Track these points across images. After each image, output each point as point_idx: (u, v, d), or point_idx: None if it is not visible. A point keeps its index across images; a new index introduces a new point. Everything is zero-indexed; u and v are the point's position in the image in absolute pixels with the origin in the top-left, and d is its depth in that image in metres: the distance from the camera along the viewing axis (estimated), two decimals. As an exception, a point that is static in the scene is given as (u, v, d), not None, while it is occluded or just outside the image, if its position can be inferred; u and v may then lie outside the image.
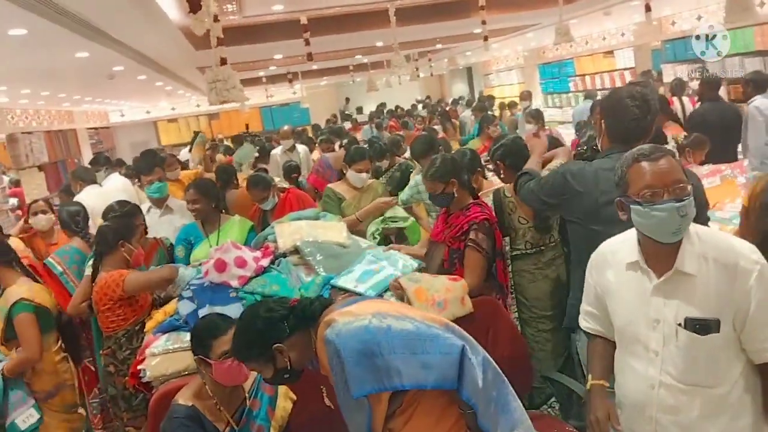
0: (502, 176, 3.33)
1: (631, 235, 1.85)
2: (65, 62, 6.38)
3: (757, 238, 2.66)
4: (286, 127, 8.50)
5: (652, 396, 1.77)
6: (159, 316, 2.90)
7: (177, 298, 2.87)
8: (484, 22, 7.30)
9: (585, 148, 3.59)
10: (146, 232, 3.85)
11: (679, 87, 7.35)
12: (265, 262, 2.93)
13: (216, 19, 4.26)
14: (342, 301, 1.95)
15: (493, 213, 3.01)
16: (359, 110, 20.77)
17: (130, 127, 17.43)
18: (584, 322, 2.06)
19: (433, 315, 1.95)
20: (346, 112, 20.13)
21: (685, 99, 6.99)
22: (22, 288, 3.19)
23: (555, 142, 3.98)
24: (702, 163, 4.48)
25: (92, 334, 3.58)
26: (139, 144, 16.74)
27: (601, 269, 1.94)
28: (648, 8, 6.46)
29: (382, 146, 5.76)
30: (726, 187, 3.83)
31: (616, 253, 1.89)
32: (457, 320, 2.49)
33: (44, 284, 3.44)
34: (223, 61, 4.15)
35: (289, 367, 1.83)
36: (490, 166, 3.57)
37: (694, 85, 8.44)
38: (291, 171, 5.96)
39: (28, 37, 4.56)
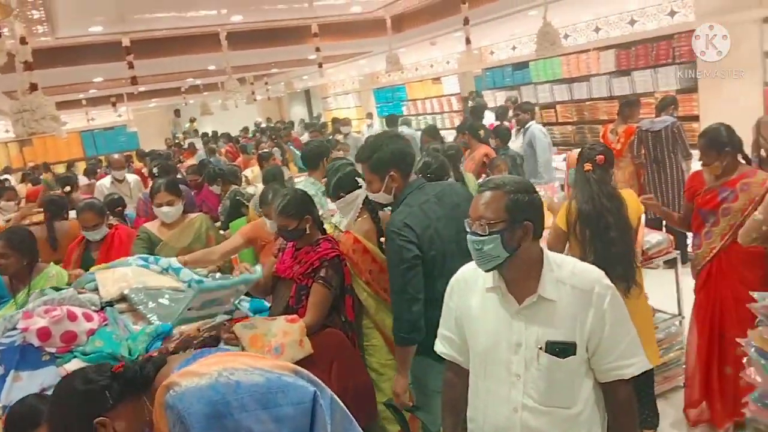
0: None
1: None
2: None
3: (590, 256, 2.98)
4: (117, 156, 7.82)
5: (514, 419, 1.81)
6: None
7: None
8: (318, 49, 7.39)
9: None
10: None
11: (503, 113, 7.99)
12: (95, 325, 2.66)
13: (23, 41, 3.84)
14: (179, 359, 1.77)
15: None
16: (196, 133, 19.92)
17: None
18: (440, 347, 2.06)
19: (281, 362, 1.86)
20: (182, 132, 19.14)
21: (506, 123, 7.61)
22: None
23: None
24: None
25: None
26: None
27: (462, 294, 1.95)
28: (468, 41, 6.96)
29: (216, 170, 5.52)
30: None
31: (477, 278, 1.90)
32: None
33: None
34: (33, 87, 3.74)
35: None
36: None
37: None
38: (113, 204, 5.05)
39: None
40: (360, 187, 3.01)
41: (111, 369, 1.64)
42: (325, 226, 3.14)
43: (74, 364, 2.45)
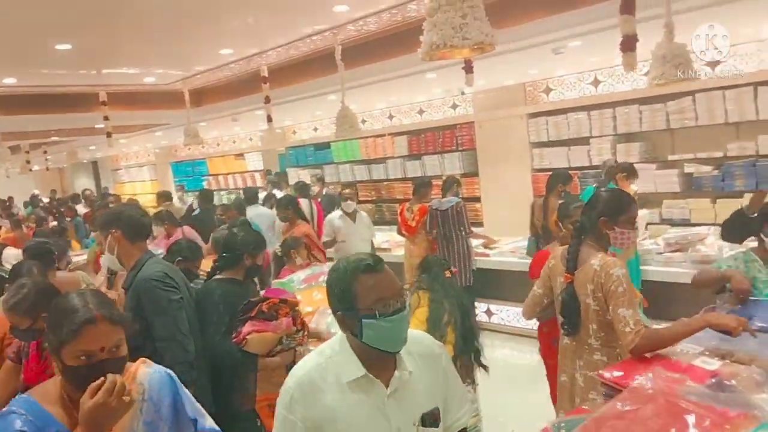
0: None
1: (329, 352, 1.78)
2: None
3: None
4: None
5: None
6: None
7: None
8: (106, 118, 6.89)
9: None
10: None
11: (303, 189, 8.08)
12: None
13: None
14: None
15: None
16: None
17: None
18: None
19: None
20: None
21: (310, 200, 7.73)
22: None
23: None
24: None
25: None
26: None
27: (309, 399, 1.69)
28: (269, 119, 7.02)
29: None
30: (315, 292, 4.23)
31: (325, 375, 1.72)
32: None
33: None
34: None
35: None
36: None
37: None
38: None
39: None
40: None
41: None
42: None
43: None
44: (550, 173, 6.25)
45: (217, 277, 3.27)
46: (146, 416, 1.75)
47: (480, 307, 6.73)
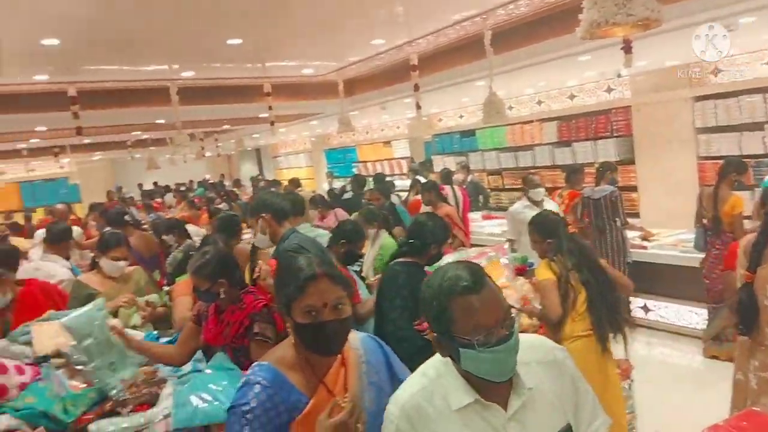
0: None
1: (433, 374, 1.55)
2: None
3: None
4: (60, 206, 7.67)
5: None
6: None
7: None
8: (270, 108, 7.44)
9: None
10: None
11: (447, 176, 8.17)
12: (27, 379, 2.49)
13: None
14: None
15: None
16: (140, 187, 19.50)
17: None
18: None
19: None
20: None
21: (455, 187, 7.78)
22: None
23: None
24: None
25: None
26: None
27: (421, 426, 1.50)
28: (418, 106, 7.16)
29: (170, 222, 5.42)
30: (491, 267, 4.23)
31: (432, 401, 1.51)
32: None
33: None
34: (-31, 133, 3.60)
35: None
36: None
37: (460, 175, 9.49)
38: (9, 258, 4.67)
39: None
40: None
41: None
42: None
43: (4, 420, 2.29)
44: (722, 161, 5.70)
45: (401, 260, 3.30)
46: (370, 377, 1.76)
47: (635, 302, 6.38)
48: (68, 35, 5.02)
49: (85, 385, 2.67)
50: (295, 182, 10.63)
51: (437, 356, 1.57)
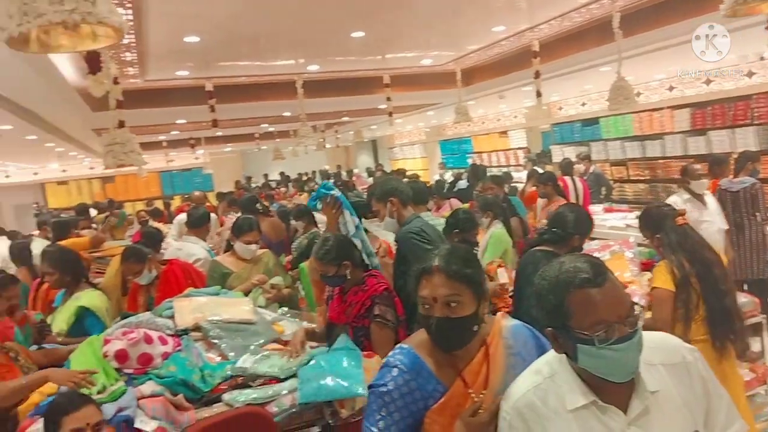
0: None
1: (547, 371, 1.49)
2: (-57, 118, 5.91)
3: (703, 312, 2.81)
4: (197, 193, 8.35)
5: None
6: (35, 397, 2.60)
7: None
8: (389, 99, 7.58)
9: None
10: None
11: (568, 167, 7.90)
12: (169, 349, 2.75)
13: (116, 82, 4.13)
14: None
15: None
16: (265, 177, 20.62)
17: (15, 188, 16.28)
18: None
19: None
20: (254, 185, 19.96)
21: (575, 178, 7.51)
22: None
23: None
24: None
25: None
26: (24, 207, 15.66)
27: (534, 425, 1.46)
28: (539, 94, 6.97)
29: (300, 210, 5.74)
30: (615, 261, 4.07)
31: (547, 400, 1.45)
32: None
33: None
34: (121, 124, 4.00)
35: None
36: None
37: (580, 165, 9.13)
38: (153, 239, 4.88)
39: None
40: None
41: None
42: None
43: (149, 386, 2.53)
44: None
45: (541, 248, 3.24)
46: (517, 370, 1.63)
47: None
48: (208, 33, 5.41)
49: (219, 359, 2.89)
50: (401, 173, 10.77)
51: (551, 353, 1.52)
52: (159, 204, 12.54)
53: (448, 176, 12.59)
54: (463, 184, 8.94)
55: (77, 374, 2.62)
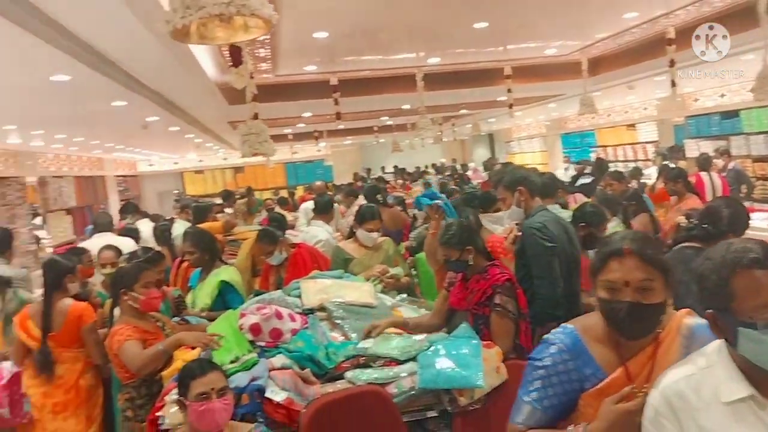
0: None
1: (703, 363, 1.43)
2: (102, 110, 6.59)
3: None
4: (318, 183, 8.76)
5: None
6: (178, 363, 2.87)
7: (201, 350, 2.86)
8: (509, 90, 7.47)
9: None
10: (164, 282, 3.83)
11: (706, 162, 7.38)
12: (298, 326, 2.93)
13: (251, 77, 4.42)
14: None
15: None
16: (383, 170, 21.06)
17: (158, 176, 17.85)
18: None
19: None
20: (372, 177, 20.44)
21: (713, 174, 7.01)
22: None
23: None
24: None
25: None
26: (165, 193, 17.11)
27: (683, 415, 1.40)
28: (673, 84, 6.54)
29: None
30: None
31: (701, 389, 1.39)
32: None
33: None
34: (255, 116, 4.28)
35: None
36: None
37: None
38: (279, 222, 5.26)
39: (69, 83, 4.73)
40: None
41: None
42: None
43: (279, 359, 2.71)
44: None
45: (690, 244, 3.09)
46: None
47: None
48: (335, 28, 5.62)
49: (342, 338, 3.03)
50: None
51: (711, 346, 1.45)
52: (284, 193, 13.24)
53: (570, 171, 12.15)
54: (585, 178, 8.64)
55: (206, 336, 2.89)
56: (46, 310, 3.39)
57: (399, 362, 2.83)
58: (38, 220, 10.49)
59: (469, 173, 14.66)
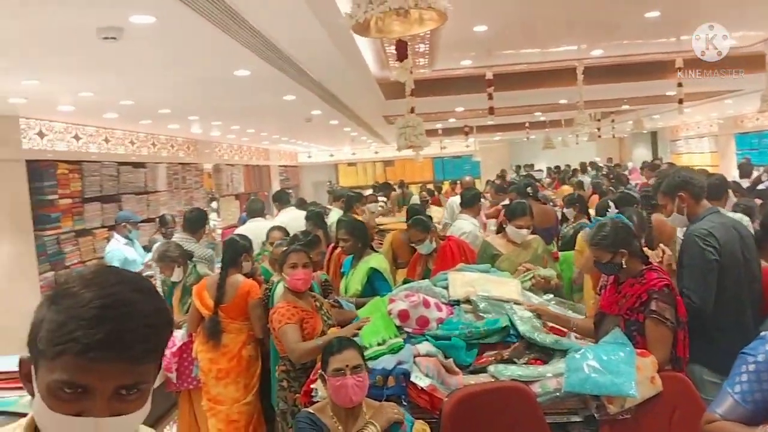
0: None
1: None
2: (274, 103, 7.08)
3: None
4: (467, 178, 8.86)
5: None
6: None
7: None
8: (680, 85, 6.92)
9: None
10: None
11: None
12: (444, 315, 3.00)
13: (410, 71, 4.53)
14: None
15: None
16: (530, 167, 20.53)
17: (315, 167, 18.94)
18: None
19: None
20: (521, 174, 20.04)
21: None
22: None
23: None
24: None
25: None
26: (320, 183, 18.12)
27: None
28: None
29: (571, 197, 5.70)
30: None
31: None
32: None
33: None
34: (412, 110, 4.38)
35: None
36: None
37: None
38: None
39: (249, 78, 5.15)
40: None
41: None
42: None
43: (425, 346, 2.80)
44: None
45: None
46: None
47: None
48: (495, 21, 5.56)
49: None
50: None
51: None
52: (431, 187, 13.45)
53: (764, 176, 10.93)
54: (765, 184, 7.77)
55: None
56: (220, 283, 3.77)
57: (545, 362, 2.79)
58: (214, 204, 11.60)
59: (626, 173, 13.82)
